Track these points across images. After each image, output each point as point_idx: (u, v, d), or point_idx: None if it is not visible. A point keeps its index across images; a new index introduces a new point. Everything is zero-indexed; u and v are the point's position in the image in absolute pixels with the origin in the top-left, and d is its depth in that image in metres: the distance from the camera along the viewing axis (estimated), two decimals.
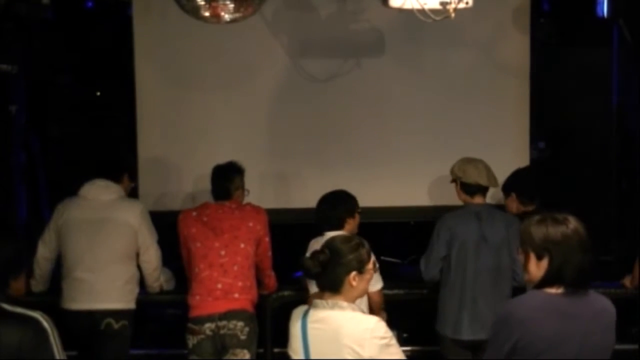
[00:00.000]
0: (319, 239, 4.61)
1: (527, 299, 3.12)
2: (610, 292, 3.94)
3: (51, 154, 6.68)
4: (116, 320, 4.98)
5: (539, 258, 3.09)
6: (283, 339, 3.60)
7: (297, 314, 3.54)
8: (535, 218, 3.16)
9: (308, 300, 4.07)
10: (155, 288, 5.27)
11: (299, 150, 6.30)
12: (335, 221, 4.81)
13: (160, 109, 6.28)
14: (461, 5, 4.35)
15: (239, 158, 5.21)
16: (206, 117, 6.27)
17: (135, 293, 5.12)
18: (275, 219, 5.22)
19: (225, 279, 4.84)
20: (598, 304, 3.14)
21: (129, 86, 6.24)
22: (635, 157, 6.27)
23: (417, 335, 5.80)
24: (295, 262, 3.68)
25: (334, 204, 4.89)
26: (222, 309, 4.81)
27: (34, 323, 3.09)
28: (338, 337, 3.37)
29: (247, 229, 4.93)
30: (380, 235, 5.78)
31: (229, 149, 5.74)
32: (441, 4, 4.32)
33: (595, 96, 6.75)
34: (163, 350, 5.87)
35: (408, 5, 4.40)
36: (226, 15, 4.77)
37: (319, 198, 4.96)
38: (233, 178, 5.08)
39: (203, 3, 4.71)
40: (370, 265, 3.51)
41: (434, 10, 4.31)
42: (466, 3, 4.40)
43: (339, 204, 4.89)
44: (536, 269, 3.11)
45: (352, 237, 3.64)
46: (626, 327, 5.12)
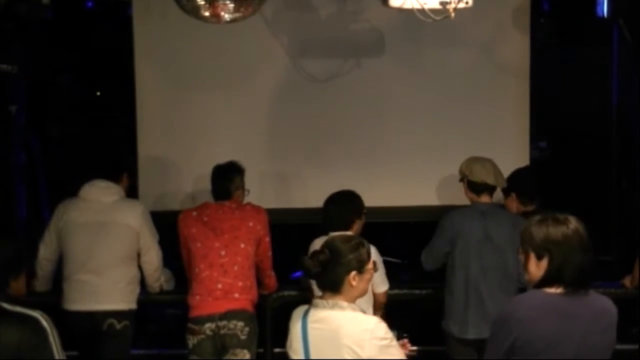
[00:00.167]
0: (323, 239, 4.59)
1: (527, 299, 3.12)
2: (610, 292, 3.92)
3: (51, 154, 6.69)
4: (118, 320, 4.98)
5: (539, 258, 3.09)
6: (283, 339, 3.60)
7: (298, 313, 3.54)
8: (536, 218, 3.16)
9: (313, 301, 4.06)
10: (155, 288, 5.26)
11: (299, 150, 6.29)
12: (343, 221, 4.79)
13: (160, 109, 6.27)
14: (461, 5, 4.35)
15: (239, 158, 5.20)
16: (206, 117, 6.25)
17: (137, 293, 5.12)
18: (275, 219, 5.22)
19: (225, 279, 4.83)
20: (598, 304, 3.14)
21: (129, 86, 6.23)
22: (635, 157, 6.26)
23: (417, 335, 5.79)
24: (295, 262, 3.68)
25: (341, 203, 4.88)
26: (222, 309, 4.81)
27: (33, 322, 3.09)
28: (338, 337, 3.37)
29: (248, 229, 4.93)
30: (380, 235, 5.77)
31: (229, 149, 5.73)
32: (441, 3, 4.32)
33: (595, 96, 6.75)
34: (163, 350, 5.88)
35: (408, 5, 4.39)
36: (226, 15, 4.77)
37: (318, 198, 4.96)
38: (233, 178, 5.08)
39: (203, 3, 4.71)
40: (370, 265, 3.51)
41: (433, 10, 4.30)
42: (466, 3, 4.39)
43: (347, 203, 4.88)
44: (536, 269, 3.11)
45: (352, 237, 3.65)
46: (626, 327, 5.09)
